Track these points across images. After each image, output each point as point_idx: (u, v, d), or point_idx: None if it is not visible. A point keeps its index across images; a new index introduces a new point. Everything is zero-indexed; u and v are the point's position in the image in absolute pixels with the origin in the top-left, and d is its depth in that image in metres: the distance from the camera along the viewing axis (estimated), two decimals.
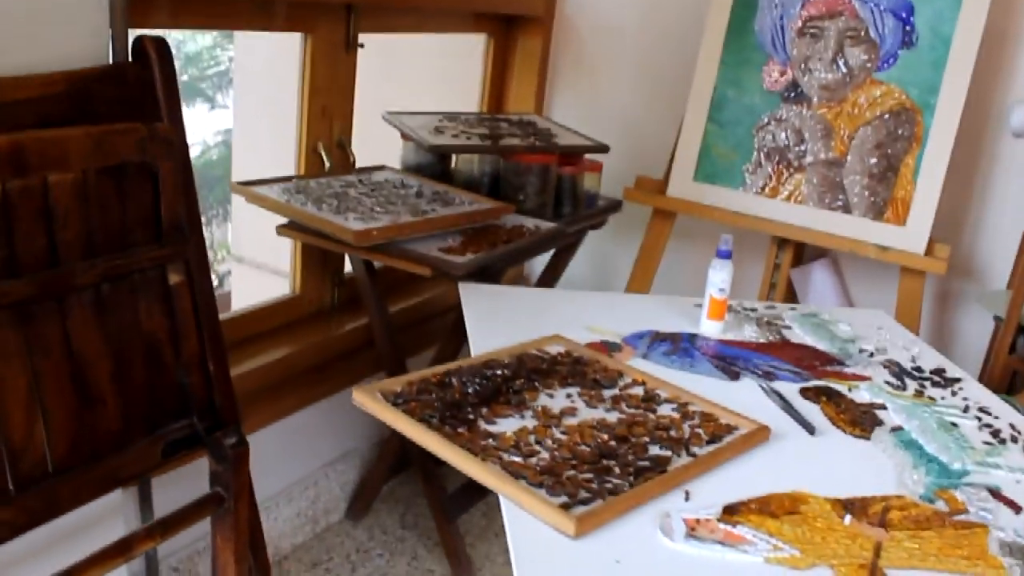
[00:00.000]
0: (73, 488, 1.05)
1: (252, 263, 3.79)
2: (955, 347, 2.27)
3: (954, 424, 1.25)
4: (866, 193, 1.99)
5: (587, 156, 2.10)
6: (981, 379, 2.04)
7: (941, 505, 1.03)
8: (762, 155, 2.10)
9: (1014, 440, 1.22)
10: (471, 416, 1.08)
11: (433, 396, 1.11)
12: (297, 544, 2.06)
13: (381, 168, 1.96)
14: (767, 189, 2.10)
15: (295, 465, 1.99)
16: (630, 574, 0.84)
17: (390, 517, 2.23)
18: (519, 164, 1.93)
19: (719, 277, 1.46)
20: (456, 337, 1.91)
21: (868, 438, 1.18)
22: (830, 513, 0.98)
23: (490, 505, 2.28)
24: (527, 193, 1.95)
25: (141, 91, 1.08)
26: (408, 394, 1.11)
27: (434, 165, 1.99)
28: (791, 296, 2.30)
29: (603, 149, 2.03)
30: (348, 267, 1.95)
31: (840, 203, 2.02)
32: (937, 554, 0.93)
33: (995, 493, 1.08)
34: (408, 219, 1.64)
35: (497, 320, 1.44)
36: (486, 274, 1.67)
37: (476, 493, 2.07)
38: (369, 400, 1.09)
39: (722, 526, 0.93)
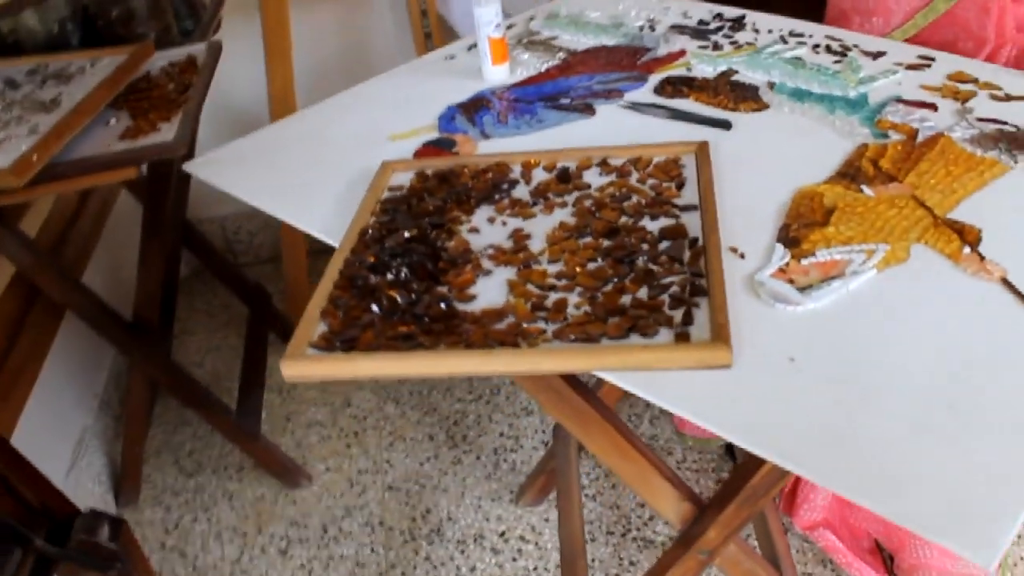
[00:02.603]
0: None
1: None
2: None
3: (798, 59, 1.21)
4: None
5: None
6: None
7: (896, 136, 1.00)
8: None
9: (846, 49, 1.23)
10: (444, 306, 0.80)
11: (375, 308, 0.81)
12: None
13: None
14: None
15: None
16: (811, 364, 0.70)
17: (168, 475, 1.84)
18: None
19: (489, 12, 1.23)
20: (156, 207, 1.48)
21: (768, 107, 1.10)
22: (849, 194, 0.91)
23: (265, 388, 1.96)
24: (140, 21, 1.46)
25: None
26: (340, 327, 0.79)
27: None
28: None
29: None
30: None
31: None
32: (956, 176, 0.91)
33: (905, 102, 1.07)
34: (51, 120, 1.14)
35: (278, 185, 1.10)
36: None
37: (256, 390, 1.75)
38: (310, 366, 0.76)
39: (806, 262, 0.81)
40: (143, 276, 1.51)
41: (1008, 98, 1.05)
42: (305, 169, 1.11)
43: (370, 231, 0.92)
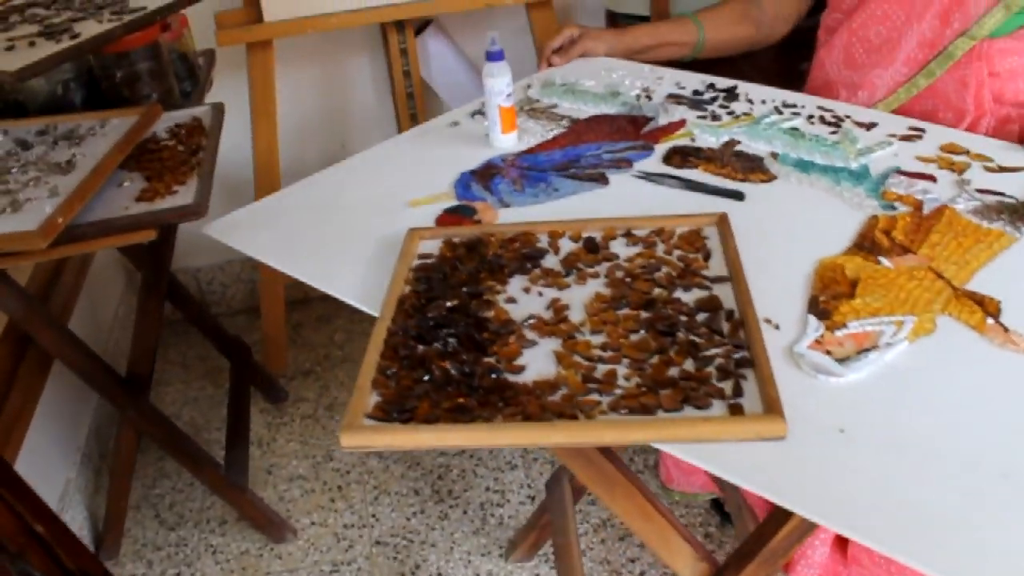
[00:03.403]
0: None
1: None
2: None
3: (796, 129, 1.26)
4: None
5: None
6: None
7: (903, 207, 1.05)
8: None
9: (839, 120, 1.28)
10: (495, 376, 0.81)
11: (427, 379, 0.81)
12: None
13: None
14: None
15: None
16: (861, 434, 0.73)
17: (149, 529, 1.79)
18: (121, 53, 1.41)
19: (501, 83, 1.25)
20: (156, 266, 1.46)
21: (776, 177, 1.14)
22: (869, 265, 0.94)
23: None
24: (144, 83, 1.45)
25: None
26: (393, 398, 0.79)
27: None
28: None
29: None
30: None
31: None
32: (967, 248, 0.95)
33: (905, 173, 1.12)
34: (69, 181, 1.13)
35: (301, 250, 1.09)
36: None
37: (241, 443, 1.73)
38: (370, 436, 0.76)
39: (840, 334, 0.84)
40: (139, 332, 1.48)
41: (1001, 169, 1.10)
42: (326, 234, 1.11)
43: (408, 300, 0.92)
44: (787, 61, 1.72)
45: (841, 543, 1.34)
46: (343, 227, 1.12)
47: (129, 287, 2.41)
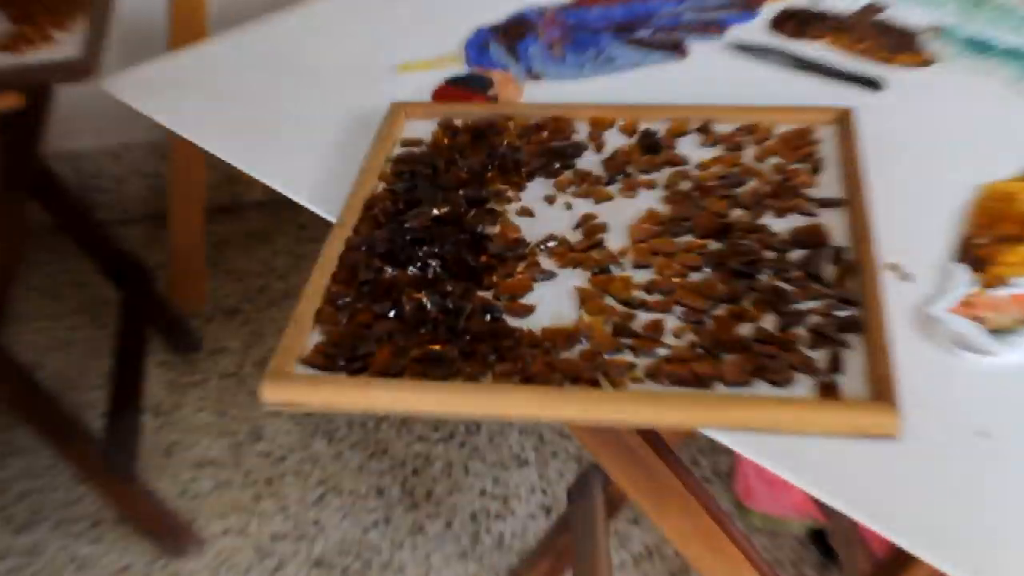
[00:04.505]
0: None
1: None
2: None
3: None
4: None
5: None
6: None
7: None
8: None
9: None
10: (489, 317, 0.85)
11: (393, 314, 0.85)
12: None
13: None
14: None
15: None
16: (1013, 441, 0.75)
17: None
18: None
19: None
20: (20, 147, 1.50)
21: (934, 61, 1.16)
22: None
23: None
24: None
25: None
26: (343, 338, 0.83)
27: None
28: None
29: None
30: None
31: None
32: None
33: None
34: None
35: (237, 124, 1.13)
36: None
37: (130, 412, 1.78)
38: (304, 391, 0.80)
39: (1000, 294, 0.86)
40: None
41: None
42: (276, 104, 1.14)
43: (380, 203, 0.96)
44: None
45: None
46: (302, 96, 1.15)
47: None
